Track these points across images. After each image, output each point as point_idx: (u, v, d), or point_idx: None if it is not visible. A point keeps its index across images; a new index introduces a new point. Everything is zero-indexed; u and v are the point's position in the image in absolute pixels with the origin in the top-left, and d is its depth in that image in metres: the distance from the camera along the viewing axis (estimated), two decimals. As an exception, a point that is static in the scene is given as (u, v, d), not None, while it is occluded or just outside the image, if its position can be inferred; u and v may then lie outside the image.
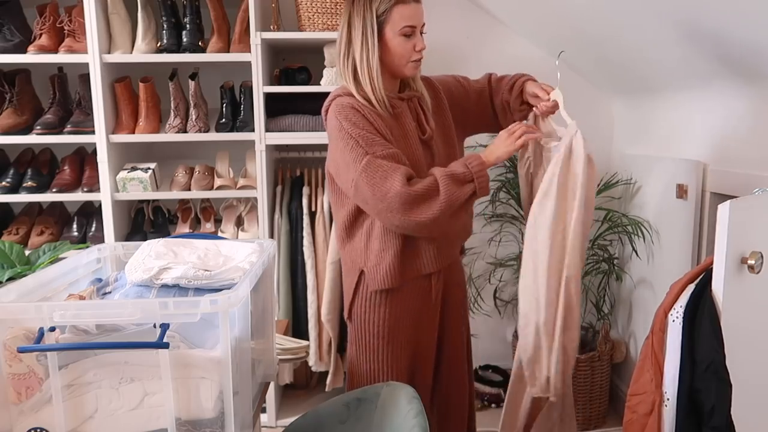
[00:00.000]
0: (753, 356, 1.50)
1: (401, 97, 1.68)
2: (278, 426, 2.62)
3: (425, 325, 1.74)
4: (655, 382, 1.48)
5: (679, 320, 1.45)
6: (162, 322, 1.07)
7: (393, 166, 1.53)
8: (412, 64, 1.64)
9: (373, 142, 1.55)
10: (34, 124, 2.51)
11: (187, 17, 2.53)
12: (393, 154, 1.55)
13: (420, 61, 1.65)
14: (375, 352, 1.70)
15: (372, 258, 1.65)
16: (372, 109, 1.60)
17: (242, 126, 2.56)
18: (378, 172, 1.52)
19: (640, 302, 2.62)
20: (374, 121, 1.58)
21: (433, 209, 1.52)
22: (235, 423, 1.12)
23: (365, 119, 1.57)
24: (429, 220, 1.53)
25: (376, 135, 1.56)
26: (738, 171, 1.97)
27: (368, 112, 1.59)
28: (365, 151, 1.54)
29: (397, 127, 1.64)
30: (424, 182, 1.53)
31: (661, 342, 1.49)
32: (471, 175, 1.55)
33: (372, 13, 1.58)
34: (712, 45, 1.84)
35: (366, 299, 1.69)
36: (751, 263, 1.43)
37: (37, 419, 1.07)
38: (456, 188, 1.53)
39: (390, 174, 1.52)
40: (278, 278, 2.57)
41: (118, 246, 1.57)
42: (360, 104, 1.60)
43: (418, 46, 1.62)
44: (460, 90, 1.81)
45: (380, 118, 1.60)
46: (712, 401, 1.38)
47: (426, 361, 1.76)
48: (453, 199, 1.52)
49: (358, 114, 1.58)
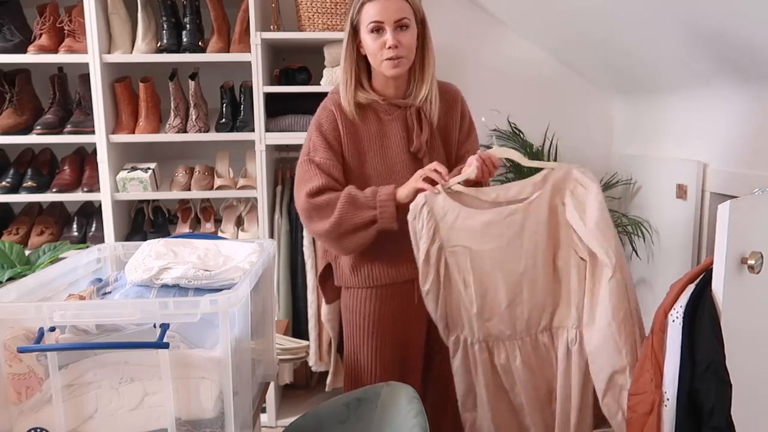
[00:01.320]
0: (753, 356, 1.50)
1: (397, 105, 1.65)
2: (278, 426, 2.61)
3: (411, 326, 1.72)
4: (654, 382, 1.48)
5: (679, 320, 1.45)
6: (162, 322, 1.07)
7: (313, 175, 1.59)
8: (386, 62, 1.57)
9: (318, 148, 1.62)
10: (34, 124, 2.51)
11: (187, 17, 2.53)
12: (324, 164, 1.60)
13: (397, 59, 1.57)
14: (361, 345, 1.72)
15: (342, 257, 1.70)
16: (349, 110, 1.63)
17: (242, 126, 2.56)
18: (303, 175, 1.62)
19: (640, 302, 2.61)
20: (340, 127, 1.62)
21: (324, 224, 1.57)
22: (235, 423, 1.12)
23: (332, 124, 1.63)
24: (320, 234, 1.60)
25: (328, 143, 1.62)
26: (738, 171, 1.97)
27: (344, 116, 1.63)
28: (307, 151, 1.64)
29: (377, 134, 1.64)
30: (328, 196, 1.57)
31: (661, 342, 1.49)
32: (374, 203, 1.55)
33: (350, 15, 1.60)
34: (712, 45, 1.84)
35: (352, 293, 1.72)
36: (751, 263, 1.43)
37: (37, 419, 1.07)
38: (352, 210, 1.55)
39: (306, 181, 1.60)
40: (278, 278, 2.57)
41: (118, 246, 1.57)
42: (340, 110, 1.64)
43: (388, 42, 1.55)
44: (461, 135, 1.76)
45: (351, 124, 1.63)
46: (712, 401, 1.38)
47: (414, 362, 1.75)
48: (344, 220, 1.55)
49: (331, 117, 1.63)
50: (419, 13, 1.61)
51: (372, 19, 1.56)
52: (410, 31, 1.58)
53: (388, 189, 1.56)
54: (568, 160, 2.82)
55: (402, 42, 1.56)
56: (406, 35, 1.57)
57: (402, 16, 1.56)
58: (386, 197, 1.55)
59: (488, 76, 2.83)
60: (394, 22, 1.55)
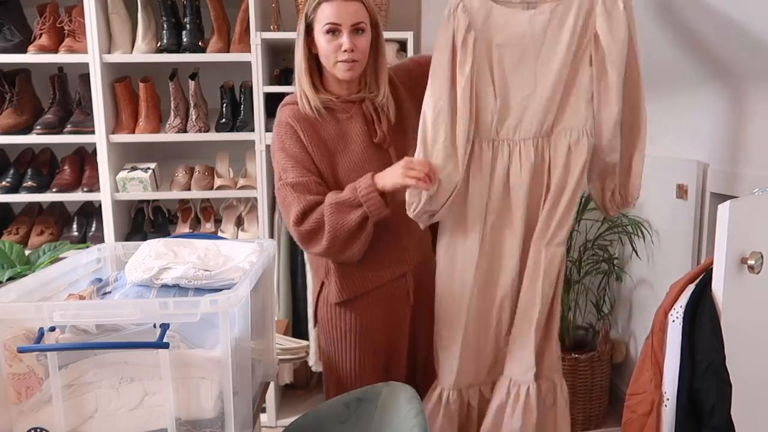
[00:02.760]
0: (753, 356, 1.50)
1: (351, 101, 1.62)
2: (278, 426, 2.62)
3: (396, 325, 1.71)
4: (654, 382, 1.48)
5: (679, 320, 1.46)
6: (162, 322, 1.07)
7: (292, 200, 1.54)
8: (340, 65, 1.54)
9: (287, 168, 1.57)
10: (34, 124, 2.51)
11: (187, 17, 2.53)
12: (298, 183, 1.55)
13: (351, 62, 1.54)
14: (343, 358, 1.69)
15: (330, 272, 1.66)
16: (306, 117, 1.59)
17: (242, 126, 2.56)
18: (283, 202, 1.58)
19: (640, 302, 2.62)
20: (302, 137, 1.58)
21: (321, 243, 1.54)
22: (235, 423, 1.12)
23: (292, 137, 1.58)
24: (322, 252, 1.56)
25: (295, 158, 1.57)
26: (738, 171, 1.97)
27: (302, 124, 1.59)
28: (279, 176, 1.59)
29: (339, 134, 1.61)
30: (314, 217, 1.52)
31: (660, 342, 1.49)
32: (358, 200, 1.50)
33: (305, 12, 1.57)
34: (712, 45, 1.84)
35: (330, 307, 1.68)
36: (751, 263, 1.44)
37: (37, 419, 1.07)
38: (341, 217, 1.51)
39: (288, 207, 1.56)
40: (278, 278, 2.57)
41: (118, 246, 1.57)
42: (298, 115, 1.60)
43: (344, 45, 1.52)
44: (418, 69, 1.70)
45: (313, 129, 1.59)
46: (712, 401, 1.38)
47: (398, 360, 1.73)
48: (338, 229, 1.51)
49: (290, 130, 1.59)
50: (374, 17, 1.59)
51: (328, 20, 1.52)
52: (366, 35, 1.56)
53: (365, 180, 1.52)
54: (568, 160, 2.82)
55: (357, 46, 1.54)
56: (361, 39, 1.55)
57: (359, 20, 1.54)
58: (367, 189, 1.50)
59: (488, 76, 2.82)
60: (351, 26, 1.53)
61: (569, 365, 2.55)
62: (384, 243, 1.62)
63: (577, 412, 2.60)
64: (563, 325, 2.66)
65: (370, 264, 1.63)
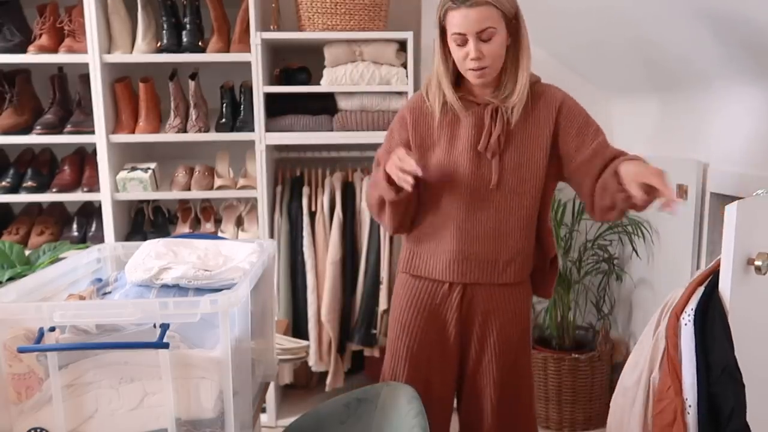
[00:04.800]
0: (760, 358, 1.50)
1: (476, 102, 1.59)
2: (278, 426, 2.61)
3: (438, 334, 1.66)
4: (673, 389, 1.43)
5: (690, 324, 1.43)
6: (162, 322, 1.07)
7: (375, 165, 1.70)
8: (470, 72, 1.52)
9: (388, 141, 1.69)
10: (34, 124, 2.51)
11: (187, 17, 2.53)
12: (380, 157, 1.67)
13: (481, 69, 1.50)
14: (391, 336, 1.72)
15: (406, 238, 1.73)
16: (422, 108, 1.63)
17: (242, 126, 2.56)
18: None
19: (640, 302, 2.62)
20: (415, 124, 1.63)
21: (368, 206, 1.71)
22: (235, 423, 1.12)
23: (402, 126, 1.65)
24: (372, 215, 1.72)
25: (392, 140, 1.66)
26: (738, 171, 1.97)
27: (419, 112, 1.64)
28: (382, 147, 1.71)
29: (447, 131, 1.60)
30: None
31: (675, 346, 1.45)
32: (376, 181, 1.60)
33: (437, 15, 1.55)
34: (712, 44, 1.84)
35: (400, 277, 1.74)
36: (758, 264, 1.43)
37: (37, 419, 1.07)
38: (372, 191, 1.64)
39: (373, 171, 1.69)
40: (278, 278, 2.57)
41: (118, 246, 1.57)
42: (417, 105, 1.65)
43: (471, 54, 1.48)
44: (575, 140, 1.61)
45: (422, 119, 1.63)
46: (731, 405, 1.35)
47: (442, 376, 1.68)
48: (369, 201, 1.68)
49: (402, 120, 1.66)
50: (509, 13, 1.51)
51: (454, 30, 1.49)
52: (496, 40, 1.49)
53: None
54: (568, 160, 2.82)
55: (485, 52, 1.49)
56: (490, 45, 1.49)
57: (484, 27, 1.47)
58: (381, 175, 1.55)
59: (488, 76, 2.82)
60: (476, 33, 1.47)
61: (569, 365, 2.55)
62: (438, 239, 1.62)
63: (577, 412, 2.60)
64: (563, 325, 2.66)
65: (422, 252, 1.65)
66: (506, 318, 1.63)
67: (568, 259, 2.69)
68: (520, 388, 1.69)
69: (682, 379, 1.42)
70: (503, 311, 1.63)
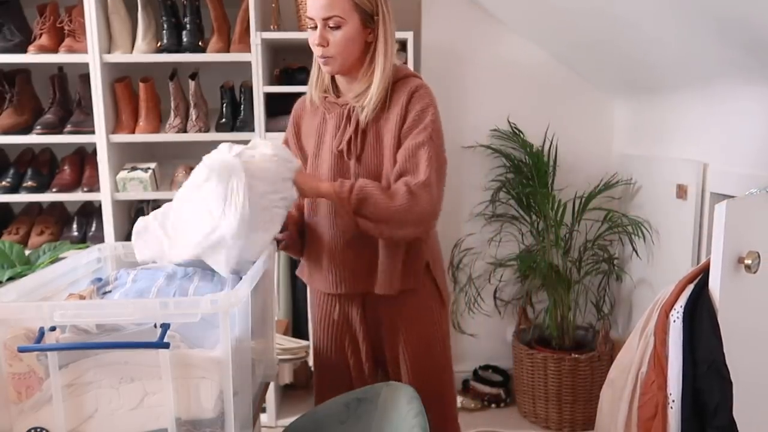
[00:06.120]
0: (749, 356, 1.50)
1: (338, 103, 1.55)
2: (278, 426, 2.62)
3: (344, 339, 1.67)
4: (657, 384, 1.46)
5: (679, 321, 1.45)
6: (162, 322, 1.07)
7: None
8: (319, 59, 1.50)
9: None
10: (34, 124, 2.51)
11: (187, 17, 2.53)
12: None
13: (324, 58, 1.47)
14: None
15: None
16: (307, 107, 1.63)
17: (242, 126, 2.56)
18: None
19: (640, 302, 2.62)
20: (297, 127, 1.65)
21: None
22: (235, 423, 1.11)
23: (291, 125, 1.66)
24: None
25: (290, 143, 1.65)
26: (738, 171, 1.97)
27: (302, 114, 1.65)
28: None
29: (317, 133, 1.58)
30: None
31: (663, 342, 1.48)
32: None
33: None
34: (711, 45, 1.84)
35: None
36: (748, 263, 1.43)
37: (37, 419, 1.07)
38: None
39: None
40: (278, 278, 2.57)
41: (118, 246, 1.57)
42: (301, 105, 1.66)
43: (315, 40, 1.46)
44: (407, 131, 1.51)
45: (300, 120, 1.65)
46: (715, 400, 1.37)
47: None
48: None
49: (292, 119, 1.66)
50: (365, 6, 1.45)
51: (306, 14, 1.48)
52: (343, 30, 1.44)
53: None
54: (568, 160, 2.83)
55: (330, 40, 1.45)
56: (336, 34, 1.44)
57: (330, 14, 1.42)
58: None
59: (488, 76, 2.83)
60: (323, 20, 1.44)
61: (569, 365, 2.55)
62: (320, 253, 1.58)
63: (577, 412, 2.60)
64: (563, 325, 2.67)
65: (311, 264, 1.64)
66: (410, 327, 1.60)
67: (568, 259, 2.69)
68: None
69: (667, 375, 1.44)
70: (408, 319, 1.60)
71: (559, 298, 2.64)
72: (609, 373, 1.65)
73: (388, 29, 1.49)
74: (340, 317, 1.64)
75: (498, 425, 1.89)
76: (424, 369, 1.61)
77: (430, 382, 1.61)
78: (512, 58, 2.82)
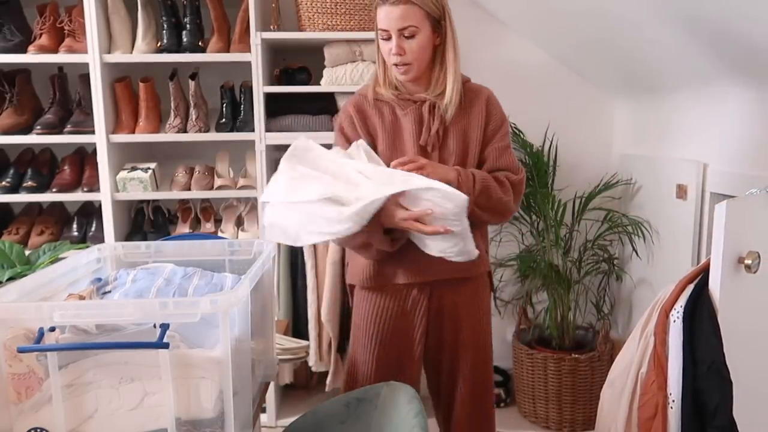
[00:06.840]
0: (749, 355, 1.50)
1: (413, 100, 1.65)
2: (278, 426, 2.61)
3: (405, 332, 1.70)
4: (657, 384, 1.46)
5: (679, 321, 1.45)
6: (162, 322, 1.07)
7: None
8: (394, 68, 1.60)
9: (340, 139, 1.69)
10: (34, 124, 2.51)
11: (187, 17, 2.53)
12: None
13: (403, 66, 1.58)
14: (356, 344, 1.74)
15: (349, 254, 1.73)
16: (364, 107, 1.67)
17: (242, 126, 2.56)
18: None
19: (640, 302, 2.62)
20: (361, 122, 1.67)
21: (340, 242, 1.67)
22: (235, 423, 1.12)
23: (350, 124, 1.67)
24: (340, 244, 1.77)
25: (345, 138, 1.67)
26: (738, 171, 1.97)
27: (362, 110, 1.67)
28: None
29: (389, 127, 1.66)
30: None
31: (663, 342, 1.48)
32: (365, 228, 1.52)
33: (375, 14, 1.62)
34: (712, 45, 1.84)
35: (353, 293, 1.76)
36: (748, 263, 1.43)
37: (37, 419, 1.07)
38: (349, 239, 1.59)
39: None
40: (278, 278, 2.57)
41: (118, 246, 1.57)
42: (359, 102, 1.68)
43: (393, 50, 1.56)
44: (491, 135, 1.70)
45: (365, 118, 1.67)
46: (716, 401, 1.37)
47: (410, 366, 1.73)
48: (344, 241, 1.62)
49: (347, 117, 1.68)
50: (434, 13, 1.57)
51: (379, 26, 1.58)
52: (418, 38, 1.56)
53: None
54: (568, 160, 2.83)
55: (407, 49, 1.56)
56: (412, 42, 1.56)
57: (405, 24, 1.54)
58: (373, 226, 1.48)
59: (488, 76, 2.80)
60: (398, 30, 1.55)
61: (569, 365, 2.55)
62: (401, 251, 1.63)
63: (577, 412, 2.60)
64: (563, 325, 2.67)
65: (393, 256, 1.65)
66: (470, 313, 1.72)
67: (568, 259, 2.69)
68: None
69: (667, 375, 1.45)
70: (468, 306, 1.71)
71: (559, 298, 2.64)
72: (609, 373, 1.65)
73: (454, 32, 1.65)
74: (411, 307, 1.69)
75: (498, 425, 1.89)
76: (479, 354, 1.77)
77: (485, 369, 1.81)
78: (512, 58, 2.82)
